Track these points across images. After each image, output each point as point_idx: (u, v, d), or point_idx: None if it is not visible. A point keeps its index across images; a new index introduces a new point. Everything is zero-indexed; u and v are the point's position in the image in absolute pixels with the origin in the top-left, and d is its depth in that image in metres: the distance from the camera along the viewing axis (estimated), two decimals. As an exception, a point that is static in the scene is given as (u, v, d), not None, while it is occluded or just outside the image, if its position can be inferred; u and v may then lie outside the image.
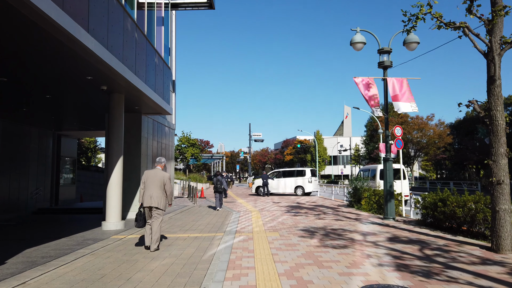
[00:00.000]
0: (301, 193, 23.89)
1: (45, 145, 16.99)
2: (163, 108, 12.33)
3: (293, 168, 25.00)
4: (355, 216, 11.88)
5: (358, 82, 10.83)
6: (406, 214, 12.13)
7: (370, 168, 20.64)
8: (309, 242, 7.43)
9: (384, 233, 8.52)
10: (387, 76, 11.22)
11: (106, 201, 10.11)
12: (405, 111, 10.48)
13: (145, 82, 10.53)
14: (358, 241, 7.52)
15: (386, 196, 10.90)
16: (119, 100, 10.37)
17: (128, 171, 12.75)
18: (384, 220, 10.78)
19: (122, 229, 9.87)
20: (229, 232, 8.77)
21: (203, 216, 12.52)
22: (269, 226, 9.77)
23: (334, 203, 17.24)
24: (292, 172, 24.69)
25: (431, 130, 51.32)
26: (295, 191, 24.03)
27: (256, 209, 14.68)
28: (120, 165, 10.27)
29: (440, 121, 52.84)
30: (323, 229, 9.21)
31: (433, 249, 6.71)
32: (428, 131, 51.70)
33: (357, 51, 11.30)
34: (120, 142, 10.40)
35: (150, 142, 13.93)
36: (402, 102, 10.54)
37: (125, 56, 8.97)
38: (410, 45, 11.00)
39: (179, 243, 7.53)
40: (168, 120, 16.60)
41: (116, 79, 8.80)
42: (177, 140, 36.45)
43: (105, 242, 7.83)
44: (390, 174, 11.01)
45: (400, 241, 7.50)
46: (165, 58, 13.37)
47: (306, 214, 12.63)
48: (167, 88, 13.42)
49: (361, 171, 22.01)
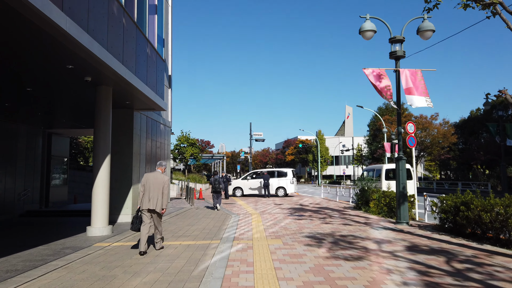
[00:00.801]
0: (282, 194, 23.09)
1: (34, 143, 16.08)
2: (156, 103, 11.40)
3: (274, 169, 24.33)
4: (364, 220, 10.93)
5: (368, 73, 9.89)
6: (419, 217, 11.17)
7: (374, 168, 19.75)
8: (317, 252, 6.50)
9: (400, 240, 7.58)
10: (400, 67, 10.28)
11: (92, 204, 9.20)
12: (419, 106, 9.53)
13: (134, 74, 9.61)
14: (372, 251, 6.58)
15: (399, 198, 9.96)
16: (107, 93, 9.45)
17: (119, 171, 11.86)
18: (397, 225, 9.83)
19: (109, 235, 8.96)
20: (226, 240, 7.84)
21: (200, 220, 11.59)
22: (271, 232, 8.84)
23: (340, 205, 16.29)
24: (272, 172, 23.96)
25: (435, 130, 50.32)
26: (276, 192, 23.22)
27: (256, 212, 13.75)
28: (107, 164, 9.36)
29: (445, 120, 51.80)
30: (331, 235, 8.27)
31: (461, 261, 5.77)
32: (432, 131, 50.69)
33: (367, 40, 10.36)
34: (107, 140, 9.48)
35: (143, 140, 13.02)
36: (416, 96, 9.59)
37: (111, 43, 8.06)
38: (425, 34, 10.07)
39: (169, 253, 6.60)
40: (164, 117, 15.70)
41: (100, 69, 7.89)
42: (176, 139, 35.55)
43: (85, 251, 6.91)
44: (403, 174, 10.07)
45: (421, 251, 6.56)
46: (159, 50, 12.46)
47: (311, 218, 11.70)
48: (161, 82, 12.50)
49: (365, 171, 21.19)
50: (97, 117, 9.41)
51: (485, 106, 23.21)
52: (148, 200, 6.57)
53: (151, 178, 6.73)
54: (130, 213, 11.80)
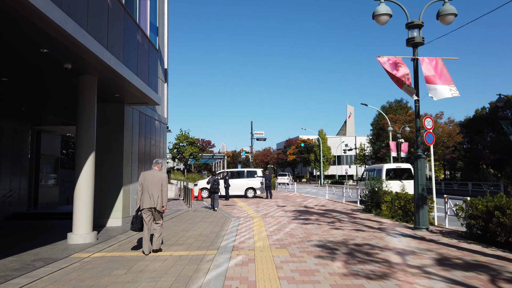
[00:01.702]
0: (252, 195, 22.25)
1: (22, 141, 15.09)
2: (149, 96, 10.37)
3: (244, 169, 23.52)
4: (378, 225, 9.90)
5: (383, 61, 8.85)
6: (438, 222, 10.13)
7: (375, 168, 19.12)
8: (331, 266, 5.47)
9: (425, 251, 6.55)
10: (418, 56, 9.25)
11: (74, 208, 8.18)
12: (443, 96, 8.46)
13: (122, 62, 8.60)
14: (397, 265, 5.55)
15: (418, 201, 8.92)
16: (91, 83, 8.43)
17: (108, 171, 10.86)
18: (416, 231, 8.79)
19: (92, 242, 7.94)
20: (224, 249, 6.82)
21: (196, 224, 10.57)
22: (275, 240, 7.81)
23: (347, 207, 15.25)
24: (242, 172, 23.25)
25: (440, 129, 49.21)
26: (246, 193, 22.39)
27: (258, 215, 12.73)
28: (91, 163, 8.35)
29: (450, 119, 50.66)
30: (344, 244, 7.24)
31: (509, 280, 4.74)
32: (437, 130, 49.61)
33: (381, 25, 9.33)
34: (91, 135, 8.47)
35: (135, 138, 11.99)
36: (439, 85, 8.54)
37: (92, 23, 7.05)
38: (446, 18, 9.03)
39: (155, 268, 5.58)
40: (159, 113, 14.67)
41: (80, 54, 6.88)
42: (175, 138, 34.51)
43: (58, 264, 5.89)
44: (422, 174, 9.03)
45: (455, 265, 5.52)
46: (152, 38, 11.44)
47: (318, 222, 10.67)
48: (154, 73, 11.48)
49: (366, 171, 20.59)
50: (80, 109, 8.39)
51: (498, 102, 22.13)
52: (148, 198, 6.51)
53: (148, 176, 6.62)
54: (121, 217, 10.79)
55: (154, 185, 6.53)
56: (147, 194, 6.52)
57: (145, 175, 6.65)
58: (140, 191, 6.57)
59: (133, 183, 11.65)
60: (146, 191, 6.53)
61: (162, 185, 6.62)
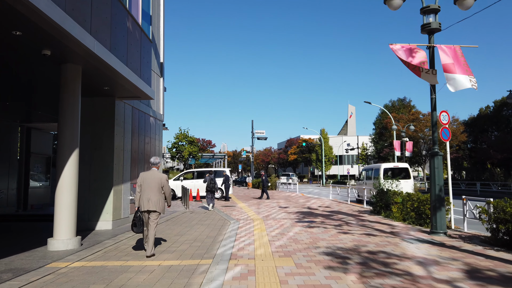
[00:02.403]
0: (218, 196, 21.27)
1: (9, 139, 14.35)
2: (141, 89, 9.57)
3: (210, 168, 22.73)
4: (389, 229, 9.10)
5: (396, 49, 8.04)
6: (455, 225, 9.32)
7: (373, 167, 18.85)
8: (345, 281, 4.67)
9: (450, 260, 5.74)
10: (434, 43, 8.44)
11: (55, 211, 7.39)
12: (462, 87, 7.64)
13: (109, 50, 7.82)
14: (421, 278, 4.75)
15: (435, 203, 8.11)
16: (74, 73, 7.63)
17: (98, 170, 10.09)
18: (433, 235, 7.99)
19: (75, 249, 7.15)
20: (221, 258, 6.02)
21: (192, 227, 9.78)
22: (278, 246, 7.02)
23: (353, 209, 14.44)
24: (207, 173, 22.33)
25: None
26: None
27: (259, 217, 11.93)
28: (75, 161, 7.56)
29: (454, 118, 49.79)
30: (355, 251, 6.44)
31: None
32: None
33: (394, 10, 8.54)
34: (75, 130, 7.67)
35: (128, 134, 11.20)
36: (459, 74, 7.72)
37: (71, 4, 6.27)
38: (464, 3, 8.23)
39: (139, 282, 4.78)
40: (154, 109, 13.88)
41: (59, 38, 6.10)
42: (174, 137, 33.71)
43: (28, 276, 5.11)
44: (439, 173, 8.22)
45: (489, 279, 4.72)
46: (144, 27, 10.65)
47: (324, 225, 9.87)
48: (146, 65, 10.70)
49: (364, 170, 20.31)
50: (62, 102, 7.59)
51: (508, 99, 21.28)
52: (147, 200, 6.31)
53: (147, 177, 6.44)
54: (111, 219, 10.01)
55: (152, 186, 6.37)
56: (145, 196, 6.35)
57: (144, 176, 6.46)
58: (139, 192, 6.41)
59: (125, 183, 10.87)
60: (144, 192, 6.36)
61: (163, 186, 6.46)
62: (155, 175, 6.47)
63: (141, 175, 6.53)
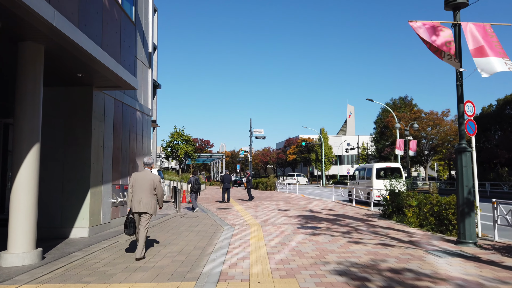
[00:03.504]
0: None
1: (-17, 136, 13.06)
2: (120, 77, 8.33)
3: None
4: (407, 237, 7.87)
5: (416, 26, 6.83)
6: (482, 232, 8.10)
7: (365, 168, 18.95)
8: (370, 318, 3.44)
9: (494, 282, 4.52)
10: (461, 21, 7.23)
11: (10, 218, 6.14)
12: (496, 70, 6.43)
13: (77, 26, 6.58)
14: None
15: (462, 207, 6.89)
16: (34, 53, 6.38)
17: (73, 169, 8.84)
18: (461, 246, 6.76)
19: (33, 264, 5.91)
20: (207, 279, 4.78)
21: (180, 235, 8.54)
22: (279, 261, 5.78)
23: (360, 212, 13.22)
24: None
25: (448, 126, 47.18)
26: None
27: (256, 222, 10.69)
28: (35, 158, 6.31)
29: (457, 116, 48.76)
30: (375, 269, 5.21)
31: None
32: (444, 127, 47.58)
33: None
34: (35, 122, 6.42)
35: (109, 129, 9.95)
36: (492, 57, 6.50)
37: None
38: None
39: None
40: (142, 103, 12.63)
41: (8, 6, 4.88)
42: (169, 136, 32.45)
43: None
44: (467, 172, 6.99)
45: None
46: (126, 8, 9.41)
47: (330, 232, 8.64)
48: (128, 50, 9.46)
49: (356, 170, 20.03)
50: (20, 87, 6.34)
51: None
52: (138, 202, 6.17)
53: (140, 178, 6.30)
54: (87, 226, 8.75)
55: (144, 188, 6.23)
56: (137, 197, 6.21)
57: (136, 177, 6.32)
58: (130, 193, 6.27)
59: (106, 184, 9.62)
60: (136, 194, 6.22)
61: (156, 189, 6.32)
62: (147, 176, 6.32)
63: (133, 176, 6.36)
